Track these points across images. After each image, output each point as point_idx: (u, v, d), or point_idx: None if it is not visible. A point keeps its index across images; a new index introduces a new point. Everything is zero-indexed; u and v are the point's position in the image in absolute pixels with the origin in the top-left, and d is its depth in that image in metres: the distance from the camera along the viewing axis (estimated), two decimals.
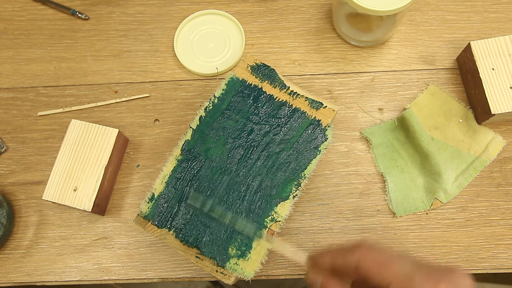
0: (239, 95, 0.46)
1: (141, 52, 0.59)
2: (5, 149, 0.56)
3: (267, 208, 0.42)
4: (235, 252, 0.41)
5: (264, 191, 0.43)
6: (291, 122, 0.45)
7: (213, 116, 0.45)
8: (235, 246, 0.41)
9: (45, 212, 0.53)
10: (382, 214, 0.52)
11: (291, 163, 0.44)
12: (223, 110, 0.46)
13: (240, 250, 0.41)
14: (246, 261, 0.41)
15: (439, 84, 0.56)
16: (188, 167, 0.44)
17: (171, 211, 0.43)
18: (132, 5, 0.62)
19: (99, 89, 0.58)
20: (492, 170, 0.52)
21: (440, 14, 0.59)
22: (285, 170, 0.44)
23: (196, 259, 0.42)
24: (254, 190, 0.43)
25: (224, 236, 0.41)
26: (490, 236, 0.50)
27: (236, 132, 0.45)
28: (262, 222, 0.42)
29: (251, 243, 0.41)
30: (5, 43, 0.61)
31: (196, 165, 0.43)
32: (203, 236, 0.42)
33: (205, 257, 0.42)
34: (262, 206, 0.42)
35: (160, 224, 0.42)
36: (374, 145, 0.53)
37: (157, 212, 0.43)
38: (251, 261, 0.41)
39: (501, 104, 0.50)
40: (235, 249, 0.41)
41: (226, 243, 0.41)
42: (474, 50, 0.52)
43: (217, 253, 0.41)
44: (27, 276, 0.51)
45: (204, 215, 0.42)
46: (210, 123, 0.45)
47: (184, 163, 0.44)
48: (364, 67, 0.57)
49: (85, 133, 0.51)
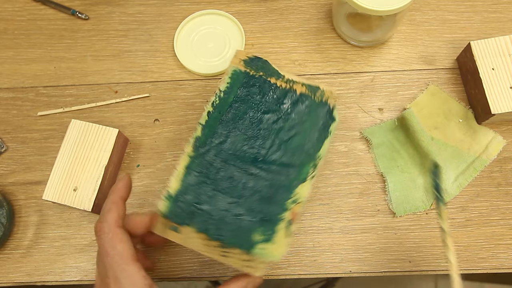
0: (245, 86, 0.46)
1: (141, 52, 0.59)
2: (5, 149, 0.56)
3: (288, 191, 0.42)
4: (261, 237, 0.40)
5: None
6: (298, 107, 0.45)
7: (221, 110, 0.45)
8: (260, 232, 0.40)
9: (45, 212, 0.53)
10: (382, 214, 0.52)
11: (305, 146, 0.44)
12: (230, 103, 0.45)
13: (266, 234, 0.40)
14: (273, 244, 0.40)
15: (439, 84, 0.56)
16: (202, 162, 0.43)
17: (191, 207, 0.41)
18: (132, 5, 0.62)
19: (99, 89, 0.58)
20: (492, 170, 0.52)
21: (440, 14, 0.59)
22: (300, 153, 0.43)
23: (222, 258, 0.41)
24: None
25: (248, 224, 0.41)
26: (490, 236, 0.50)
27: (246, 123, 0.45)
28: (284, 205, 0.41)
29: (275, 227, 0.40)
30: (5, 43, 0.61)
31: (210, 159, 0.43)
32: (226, 226, 0.41)
33: (231, 253, 0.41)
34: (283, 189, 0.42)
35: (182, 221, 0.41)
36: (374, 145, 0.53)
37: (177, 210, 0.41)
38: (278, 244, 0.40)
39: (501, 104, 0.50)
40: (260, 235, 0.40)
41: (251, 230, 0.40)
42: (474, 50, 0.52)
43: (243, 241, 0.40)
44: (27, 276, 0.51)
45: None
46: (218, 117, 0.45)
47: (197, 159, 0.43)
48: (364, 67, 0.57)
49: (85, 133, 0.51)
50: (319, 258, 0.50)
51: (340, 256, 0.50)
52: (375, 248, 0.50)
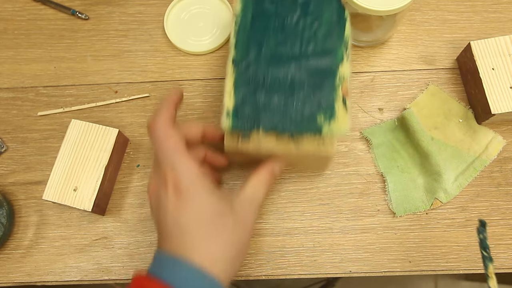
0: (259, 2, 0.48)
1: (141, 52, 0.59)
2: (5, 149, 0.56)
3: (332, 74, 0.45)
4: (324, 118, 0.43)
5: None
6: (312, 6, 0.48)
7: (245, 28, 0.47)
8: (322, 114, 0.43)
9: (45, 212, 0.53)
10: (382, 214, 0.52)
11: (332, 32, 0.47)
12: (251, 20, 0.47)
13: (327, 114, 0.43)
14: (337, 121, 0.43)
15: (439, 84, 0.56)
16: (247, 75, 0.46)
17: (253, 113, 0.44)
18: (132, 5, 0.62)
19: (99, 89, 0.58)
20: (492, 170, 0.52)
21: (440, 14, 0.59)
22: (330, 40, 0.46)
23: (296, 148, 0.44)
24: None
25: (309, 110, 0.44)
26: (490, 236, 0.50)
27: (272, 31, 0.47)
28: (334, 85, 0.44)
29: (334, 106, 0.44)
30: (5, 43, 0.61)
31: (253, 70, 0.46)
32: (291, 118, 0.44)
33: (303, 140, 0.44)
34: (328, 74, 0.45)
35: (250, 127, 0.44)
36: (374, 145, 0.53)
37: (241, 120, 0.44)
38: (341, 119, 0.43)
39: (501, 104, 0.50)
40: (323, 116, 0.43)
41: (314, 115, 0.44)
42: (474, 50, 0.52)
43: (310, 126, 0.43)
44: (27, 276, 0.51)
45: None
46: (245, 35, 0.47)
47: (241, 75, 0.46)
48: (364, 67, 0.57)
49: (85, 133, 0.51)
50: (319, 258, 0.50)
51: (340, 256, 0.50)
52: (375, 248, 0.50)
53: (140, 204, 0.53)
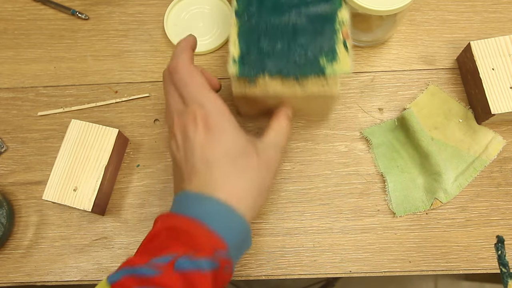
0: None
1: (141, 52, 0.59)
2: (5, 149, 0.56)
3: (332, 19, 0.47)
4: (326, 60, 0.45)
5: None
6: None
7: None
8: (324, 56, 0.45)
9: (45, 212, 0.53)
10: (382, 214, 0.52)
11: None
12: None
13: (329, 56, 0.45)
14: (339, 61, 0.45)
15: (439, 84, 0.56)
16: (250, 25, 0.47)
17: (258, 58, 0.45)
18: (132, 5, 0.62)
19: (99, 89, 0.58)
20: (492, 170, 0.52)
21: (440, 14, 0.59)
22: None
23: (301, 90, 0.45)
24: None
25: (312, 53, 0.45)
26: (490, 236, 0.50)
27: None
28: (333, 29, 0.46)
29: (335, 48, 0.45)
30: (5, 43, 0.61)
31: (255, 20, 0.47)
32: (295, 62, 0.45)
33: (308, 82, 0.45)
34: (327, 19, 0.47)
35: (256, 72, 0.45)
36: (374, 145, 0.53)
37: (247, 66, 0.45)
38: (343, 60, 0.45)
39: (501, 104, 0.50)
40: (325, 58, 0.45)
41: (316, 57, 0.45)
42: (474, 50, 0.52)
43: (314, 67, 0.45)
44: (27, 276, 0.51)
45: None
46: None
47: (245, 25, 0.47)
48: (364, 67, 0.57)
49: (85, 133, 0.51)
50: (319, 258, 0.50)
51: (340, 256, 0.50)
52: (375, 248, 0.50)
53: (140, 204, 0.53)
